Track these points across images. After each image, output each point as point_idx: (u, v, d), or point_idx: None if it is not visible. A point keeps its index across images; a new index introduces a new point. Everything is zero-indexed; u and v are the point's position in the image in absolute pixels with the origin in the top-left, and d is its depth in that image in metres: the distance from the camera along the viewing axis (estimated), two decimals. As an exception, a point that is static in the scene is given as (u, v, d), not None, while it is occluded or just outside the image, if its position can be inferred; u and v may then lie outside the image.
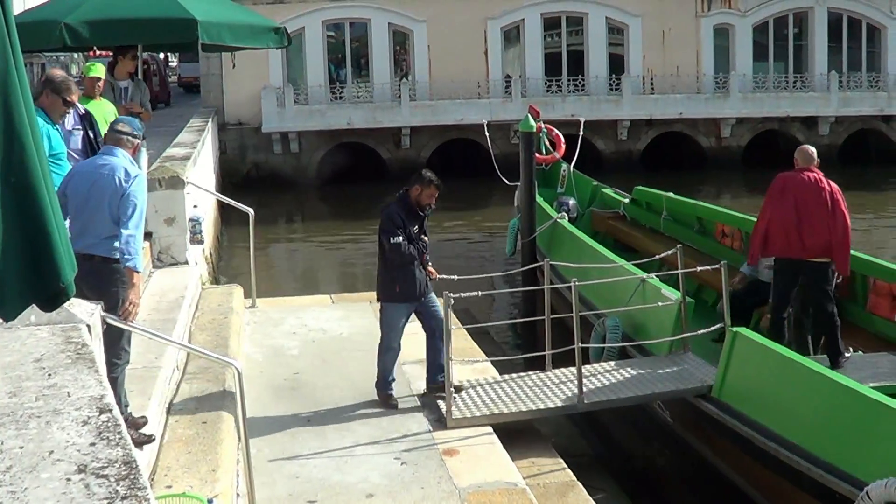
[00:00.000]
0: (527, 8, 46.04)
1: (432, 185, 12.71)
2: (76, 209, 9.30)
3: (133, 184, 9.21)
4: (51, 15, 14.27)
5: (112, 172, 9.25)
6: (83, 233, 9.17)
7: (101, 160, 9.55)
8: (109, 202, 9.17)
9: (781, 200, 13.80)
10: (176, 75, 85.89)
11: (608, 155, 44.85)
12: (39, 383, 5.58)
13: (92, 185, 9.30)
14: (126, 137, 9.57)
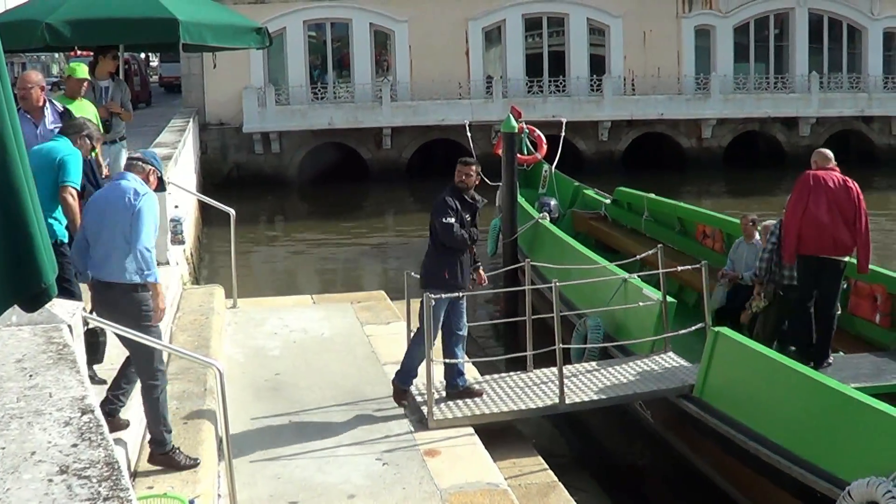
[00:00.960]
0: (508, 8, 46.05)
1: (462, 163, 12.94)
2: (93, 237, 9.35)
3: (142, 201, 9.20)
4: (32, 15, 14.24)
5: (122, 195, 9.27)
6: (105, 261, 9.25)
7: (112, 186, 9.63)
8: (122, 226, 9.18)
9: (815, 199, 13.74)
10: (157, 75, 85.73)
11: (589, 156, 44.88)
12: (21, 384, 5.57)
13: (104, 211, 9.34)
14: (139, 164, 9.58)
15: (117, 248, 9.16)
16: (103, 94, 14.78)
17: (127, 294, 9.15)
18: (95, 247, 9.28)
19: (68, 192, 9.81)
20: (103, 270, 9.18)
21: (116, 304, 9.13)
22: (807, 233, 13.70)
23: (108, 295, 9.23)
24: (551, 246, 19.27)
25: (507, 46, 46.48)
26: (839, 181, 13.80)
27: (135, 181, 9.43)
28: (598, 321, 15.11)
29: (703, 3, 47.26)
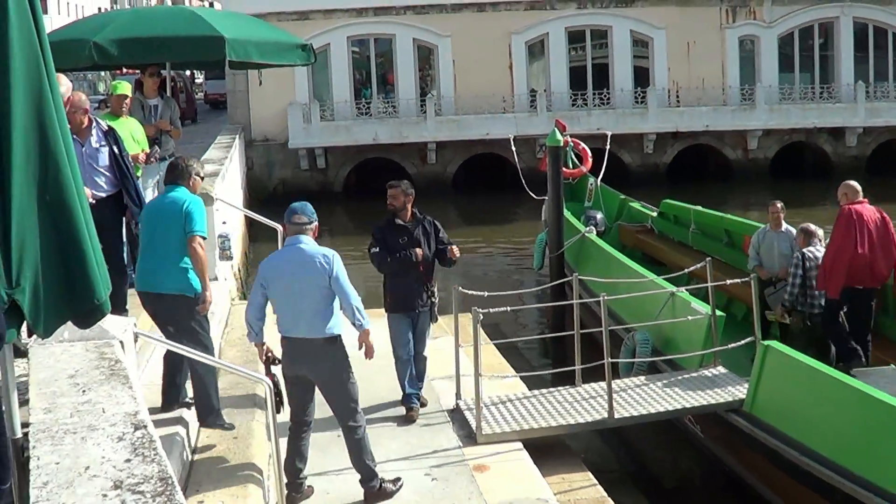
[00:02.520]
0: (551, 22, 45.98)
1: (388, 187, 12.84)
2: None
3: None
4: (79, 34, 14.31)
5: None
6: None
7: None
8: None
9: (859, 235, 14.02)
10: (202, 92, 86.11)
11: (634, 168, 44.69)
12: (74, 399, 5.60)
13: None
14: (305, 226, 10.11)
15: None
16: (152, 113, 14.87)
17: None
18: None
19: (197, 242, 9.98)
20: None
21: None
22: (853, 268, 14.07)
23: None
24: (598, 260, 19.22)
25: (551, 60, 46.39)
26: (874, 214, 14.33)
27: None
28: (646, 335, 15.05)
29: (747, 13, 46.98)
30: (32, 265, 4.65)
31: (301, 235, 10.01)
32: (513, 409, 12.71)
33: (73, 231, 4.75)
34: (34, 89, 4.63)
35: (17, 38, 4.54)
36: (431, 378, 13.58)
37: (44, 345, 6.64)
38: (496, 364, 14.88)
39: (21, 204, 4.58)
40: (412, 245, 12.45)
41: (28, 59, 4.60)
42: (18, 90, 4.55)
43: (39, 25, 4.72)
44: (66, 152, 4.79)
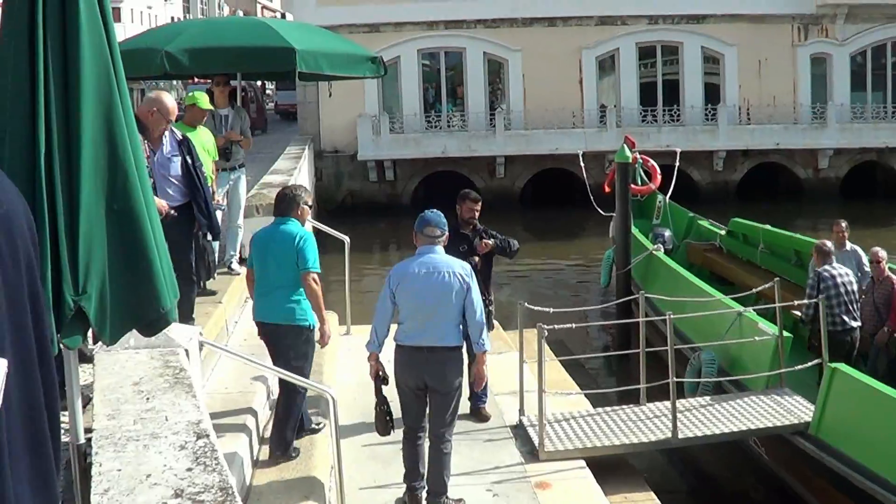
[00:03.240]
0: (622, 37, 45.84)
1: (467, 198, 12.96)
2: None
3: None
4: (151, 43, 14.42)
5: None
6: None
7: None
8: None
9: None
10: (272, 102, 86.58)
11: (704, 186, 44.39)
12: (138, 406, 5.62)
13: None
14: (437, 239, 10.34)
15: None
16: (223, 123, 14.93)
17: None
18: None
19: (312, 279, 10.15)
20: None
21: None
22: None
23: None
24: (665, 278, 19.13)
25: (621, 75, 46.23)
26: None
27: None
28: (712, 355, 14.95)
29: (819, 31, 46.56)
30: (99, 273, 4.67)
31: (435, 246, 10.21)
32: (576, 427, 12.66)
33: (140, 239, 4.77)
34: (104, 98, 4.66)
35: (89, 47, 4.57)
36: (495, 393, 13.55)
37: (109, 351, 6.67)
38: (560, 380, 14.83)
39: (89, 212, 4.61)
40: (472, 254, 12.45)
41: (99, 68, 4.63)
42: (89, 99, 4.58)
43: (110, 34, 4.74)
44: (136, 161, 4.81)
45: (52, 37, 4.52)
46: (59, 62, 4.55)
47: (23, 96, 4.52)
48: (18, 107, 4.54)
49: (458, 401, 10.31)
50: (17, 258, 2.95)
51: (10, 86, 4.59)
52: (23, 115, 4.52)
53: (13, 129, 4.56)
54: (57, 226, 4.55)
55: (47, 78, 4.52)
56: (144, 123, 10.54)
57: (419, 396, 10.28)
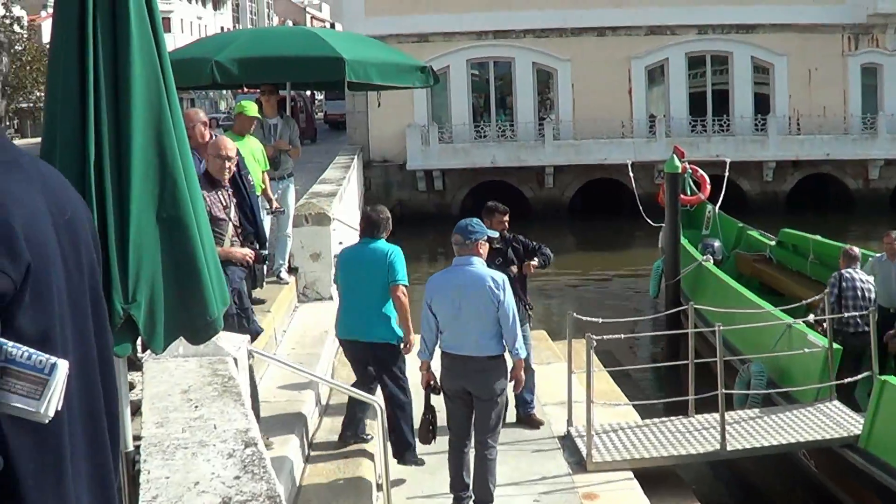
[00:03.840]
0: (671, 47, 45.74)
1: (496, 211, 12.93)
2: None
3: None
4: (202, 53, 14.51)
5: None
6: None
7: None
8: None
9: None
10: (322, 112, 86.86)
11: (753, 196, 44.18)
12: (186, 415, 5.64)
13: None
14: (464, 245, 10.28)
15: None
16: (272, 132, 14.97)
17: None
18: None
19: (401, 291, 10.49)
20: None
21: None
22: None
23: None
24: (714, 289, 19.05)
25: (671, 85, 46.13)
26: None
27: (482, 264, 10.26)
28: (761, 367, 14.87)
29: (870, 40, 46.26)
30: (148, 281, 4.69)
31: (471, 256, 10.20)
32: (624, 438, 12.61)
33: (189, 247, 4.79)
34: (154, 107, 4.68)
35: (139, 56, 4.60)
36: (543, 403, 13.53)
37: (158, 359, 6.70)
38: (609, 391, 14.78)
39: (139, 220, 4.63)
40: (507, 264, 12.46)
41: (149, 77, 4.66)
42: (139, 108, 4.61)
43: (160, 44, 4.77)
44: (185, 170, 4.83)
45: (103, 45, 4.55)
46: (109, 71, 4.58)
47: (73, 105, 4.55)
48: (69, 115, 4.57)
49: (501, 408, 10.38)
50: (81, 264, 2.99)
51: (61, 94, 4.62)
52: (73, 123, 4.55)
53: (64, 138, 4.59)
54: (107, 234, 4.57)
55: (97, 86, 4.55)
56: None
57: (464, 403, 10.33)
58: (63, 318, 2.86)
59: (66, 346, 2.85)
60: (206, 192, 9.58)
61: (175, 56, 14.48)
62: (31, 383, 2.70)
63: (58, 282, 2.84)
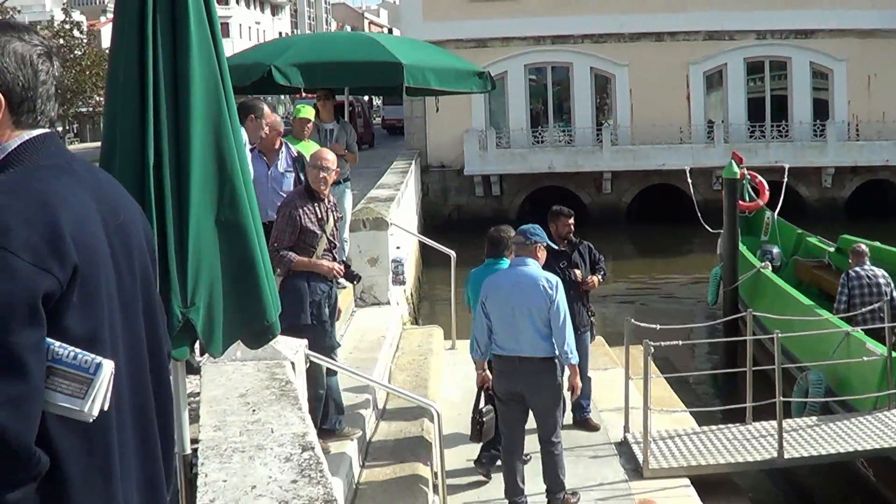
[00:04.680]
0: (729, 52, 45.42)
1: (561, 214, 13.05)
2: (502, 318, 10.37)
3: (557, 292, 10.26)
4: (260, 58, 14.57)
5: (530, 278, 10.28)
6: (518, 338, 10.30)
7: (514, 270, 10.56)
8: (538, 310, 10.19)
9: None
10: (380, 117, 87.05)
11: (812, 202, 43.78)
12: (244, 418, 5.67)
13: (512, 292, 10.36)
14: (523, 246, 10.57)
15: (529, 328, 10.25)
16: (328, 137, 15.02)
17: (545, 363, 10.30)
18: (503, 326, 10.37)
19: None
20: (514, 347, 10.32)
21: (534, 375, 10.30)
22: None
23: (524, 367, 10.32)
24: (773, 295, 18.95)
25: (729, 90, 45.81)
26: None
27: (536, 266, 10.41)
28: (819, 375, 14.77)
29: (931, 46, 45.81)
30: (207, 285, 4.73)
31: (527, 258, 10.39)
32: (681, 445, 12.57)
33: (247, 251, 4.82)
34: (213, 111, 4.72)
35: (198, 60, 4.64)
36: (600, 409, 13.50)
37: (216, 363, 6.74)
38: (666, 398, 14.72)
39: (198, 224, 4.67)
40: (571, 267, 12.47)
41: (207, 82, 4.69)
42: (198, 112, 4.64)
43: (219, 48, 4.80)
44: (243, 173, 4.87)
45: (162, 49, 4.59)
46: (168, 75, 4.62)
47: (133, 109, 4.59)
48: (128, 119, 4.61)
49: (559, 409, 10.57)
50: (133, 268, 3.03)
51: (121, 98, 4.66)
52: (133, 127, 4.59)
53: (123, 142, 4.64)
54: (166, 238, 4.61)
55: (157, 90, 4.59)
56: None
57: (517, 407, 10.49)
58: (113, 319, 2.90)
59: (117, 348, 2.89)
60: (303, 203, 9.85)
61: (233, 61, 14.57)
62: (76, 382, 2.76)
63: (108, 284, 2.88)
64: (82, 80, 63.77)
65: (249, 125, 10.68)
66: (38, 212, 2.76)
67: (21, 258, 2.65)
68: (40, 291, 2.68)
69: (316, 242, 9.88)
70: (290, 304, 8.73)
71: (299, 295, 9.65)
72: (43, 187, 2.85)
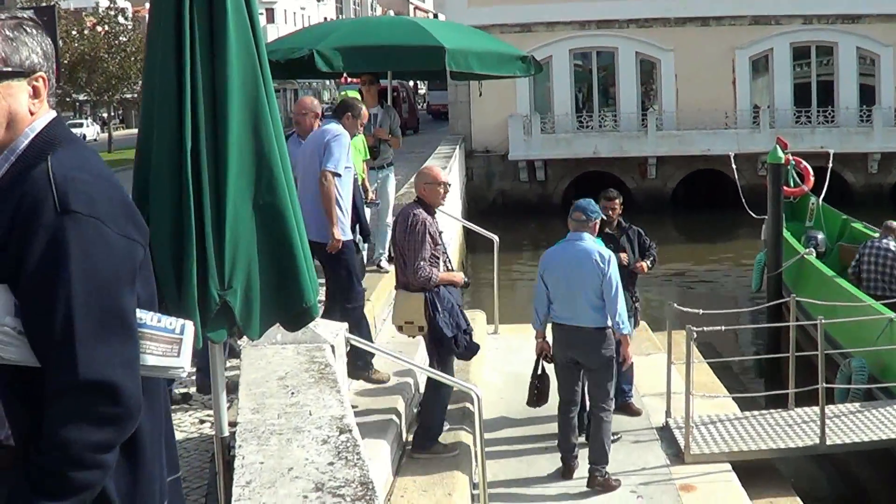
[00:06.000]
0: (776, 37, 45.14)
1: (602, 197, 13.08)
2: (560, 289, 10.99)
3: (610, 265, 10.84)
4: (302, 42, 14.57)
5: (586, 254, 10.86)
6: (575, 309, 10.92)
7: (571, 244, 11.11)
8: (593, 280, 10.76)
9: None
10: (425, 102, 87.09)
11: (858, 188, 43.45)
12: (282, 401, 5.70)
13: (572, 266, 10.95)
14: (583, 223, 11.15)
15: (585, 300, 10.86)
16: (372, 121, 15.03)
17: (598, 333, 10.90)
18: (559, 298, 11.01)
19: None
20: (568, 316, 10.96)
21: (588, 343, 10.89)
22: None
23: (580, 336, 10.94)
24: (817, 281, 18.85)
25: (775, 76, 45.54)
26: None
27: (592, 241, 10.97)
28: (862, 361, 14.70)
29: (977, 30, 45.33)
30: (244, 268, 4.75)
31: (583, 232, 11.03)
32: (723, 430, 12.54)
33: (285, 235, 4.84)
34: (250, 95, 4.73)
35: (235, 44, 4.65)
36: (642, 394, 13.49)
37: (256, 346, 6.78)
38: (708, 383, 14.68)
39: (235, 208, 4.69)
40: (618, 251, 12.47)
41: (245, 66, 4.71)
42: (235, 96, 4.66)
43: (257, 32, 4.82)
44: (280, 157, 4.88)
45: (199, 34, 4.61)
46: (206, 59, 4.64)
47: (171, 93, 4.62)
48: (166, 103, 4.63)
49: (611, 376, 11.04)
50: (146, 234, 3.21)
51: (159, 83, 4.69)
52: (171, 111, 4.62)
53: (161, 126, 4.66)
54: (204, 221, 4.63)
55: (194, 75, 4.61)
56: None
57: (572, 372, 11.16)
58: (155, 284, 3.07)
59: (159, 310, 3.06)
60: (426, 216, 10.41)
61: (275, 46, 14.61)
62: (165, 343, 3.06)
63: (149, 252, 3.01)
64: (127, 66, 64.13)
65: (346, 122, 11.22)
66: (108, 186, 2.88)
67: (111, 228, 2.76)
68: (138, 259, 2.83)
69: (442, 253, 10.43)
70: (451, 317, 10.21)
71: (451, 306, 10.36)
72: (97, 162, 2.99)
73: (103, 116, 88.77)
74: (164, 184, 4.65)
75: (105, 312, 2.79)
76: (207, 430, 9.46)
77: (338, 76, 18.18)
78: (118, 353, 2.79)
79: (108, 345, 2.77)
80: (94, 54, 63.19)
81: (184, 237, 4.62)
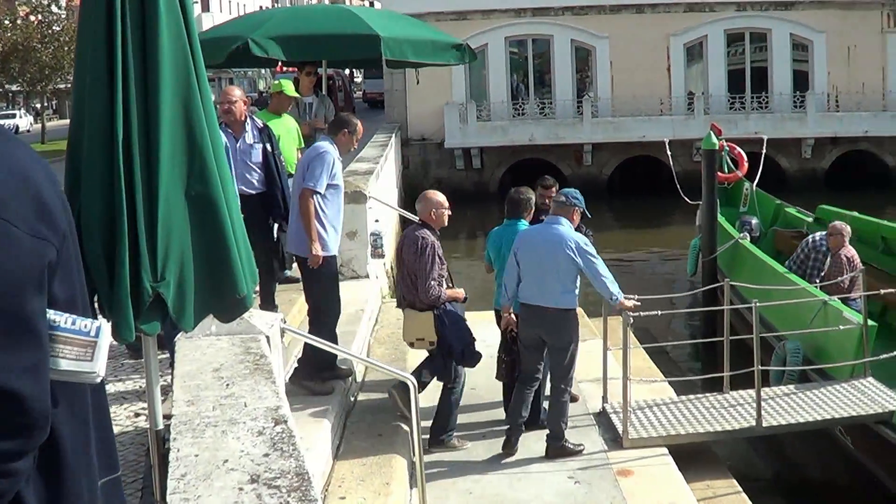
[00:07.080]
0: (710, 24, 45.47)
1: (540, 185, 13.64)
2: (529, 269, 11.30)
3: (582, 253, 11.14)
4: (237, 31, 14.49)
5: (558, 237, 11.16)
6: (542, 290, 11.22)
7: (546, 227, 11.43)
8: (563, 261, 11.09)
9: None
10: (361, 91, 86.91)
11: (792, 173, 43.89)
12: (217, 393, 5.68)
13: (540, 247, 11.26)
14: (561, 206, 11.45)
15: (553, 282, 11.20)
16: (307, 111, 14.99)
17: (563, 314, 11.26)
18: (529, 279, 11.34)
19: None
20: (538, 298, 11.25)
21: (552, 323, 11.24)
22: None
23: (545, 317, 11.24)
24: (751, 266, 18.99)
25: (709, 62, 45.90)
26: None
27: (569, 227, 11.28)
28: (797, 344, 14.82)
29: (910, 17, 45.89)
30: (177, 259, 4.73)
31: (561, 217, 11.31)
32: (660, 414, 12.60)
33: (218, 225, 4.81)
34: (182, 85, 4.71)
35: (167, 33, 4.63)
36: (579, 381, 13.51)
37: (190, 338, 6.75)
38: (645, 368, 14.77)
39: (168, 198, 4.66)
40: None
41: (177, 55, 4.68)
42: (167, 86, 4.63)
43: (189, 20, 4.79)
44: (214, 148, 4.86)
45: (131, 23, 4.58)
46: (137, 48, 4.60)
47: (102, 83, 4.58)
48: (97, 93, 4.60)
49: (573, 356, 11.37)
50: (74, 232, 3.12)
51: (90, 73, 4.65)
52: (102, 101, 4.58)
53: (92, 116, 4.62)
54: (136, 212, 4.60)
55: (126, 64, 4.57)
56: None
57: (536, 350, 11.48)
58: (81, 283, 2.98)
59: (87, 311, 2.97)
60: (433, 238, 11.17)
61: (210, 35, 14.52)
62: (79, 347, 2.88)
63: (74, 248, 2.94)
64: (60, 56, 63.60)
65: (342, 138, 11.34)
66: (21, 182, 2.80)
67: (19, 229, 2.69)
68: (46, 260, 2.75)
69: (445, 272, 11.19)
70: (459, 331, 11.14)
71: (457, 320, 11.25)
72: (12, 156, 2.89)
73: (37, 107, 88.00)
74: (96, 174, 4.62)
75: (7, 317, 2.73)
76: (143, 423, 9.40)
77: (273, 65, 18.11)
78: (21, 359, 2.72)
79: (8, 351, 2.71)
80: (26, 44, 62.72)
81: (116, 228, 4.59)
